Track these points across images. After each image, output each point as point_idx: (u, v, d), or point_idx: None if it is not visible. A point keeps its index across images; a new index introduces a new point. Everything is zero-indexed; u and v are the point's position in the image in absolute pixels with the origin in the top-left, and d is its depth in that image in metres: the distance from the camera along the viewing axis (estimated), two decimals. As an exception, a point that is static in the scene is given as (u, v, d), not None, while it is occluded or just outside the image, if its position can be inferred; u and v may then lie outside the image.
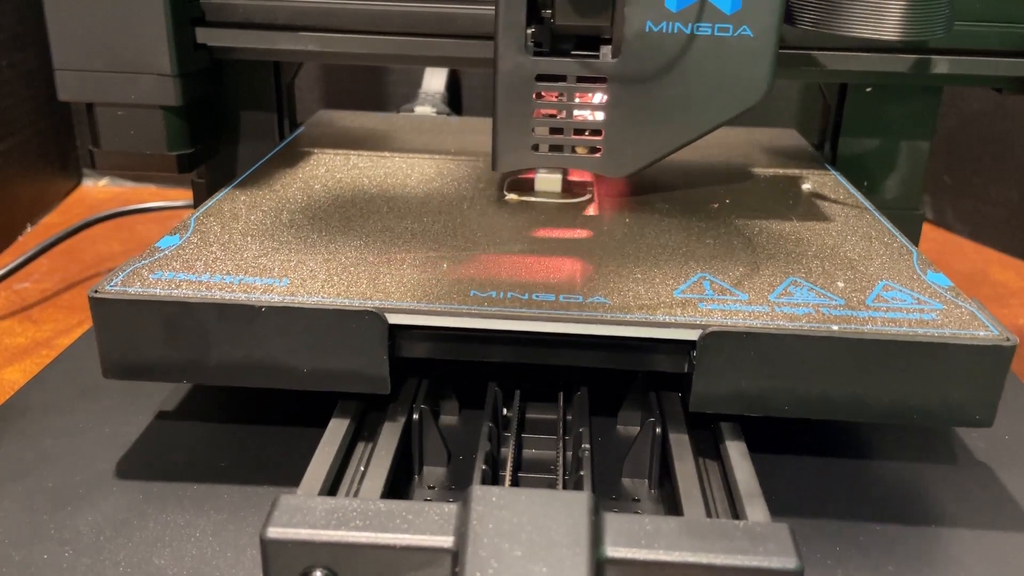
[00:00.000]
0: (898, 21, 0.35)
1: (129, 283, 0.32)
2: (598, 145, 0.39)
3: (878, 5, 0.35)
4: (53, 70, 0.42)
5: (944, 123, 0.76)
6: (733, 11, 0.35)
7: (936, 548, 0.30)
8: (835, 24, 0.35)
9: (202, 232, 0.37)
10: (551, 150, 0.39)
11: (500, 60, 0.37)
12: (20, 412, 0.36)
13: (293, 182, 0.44)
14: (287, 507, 0.24)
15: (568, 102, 0.38)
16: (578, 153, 0.39)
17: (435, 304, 0.31)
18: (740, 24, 0.36)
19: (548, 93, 0.38)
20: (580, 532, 0.23)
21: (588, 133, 0.39)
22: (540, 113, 0.39)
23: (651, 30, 0.36)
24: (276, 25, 0.43)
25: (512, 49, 0.37)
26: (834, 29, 0.35)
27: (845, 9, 0.35)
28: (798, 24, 0.37)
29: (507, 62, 0.37)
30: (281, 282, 0.32)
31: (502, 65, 0.37)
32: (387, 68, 0.83)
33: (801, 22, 0.37)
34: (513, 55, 0.37)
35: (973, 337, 0.30)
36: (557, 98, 0.38)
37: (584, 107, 0.39)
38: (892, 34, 0.35)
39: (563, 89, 0.38)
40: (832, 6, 0.35)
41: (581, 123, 0.39)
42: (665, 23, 0.36)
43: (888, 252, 0.37)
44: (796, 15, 0.37)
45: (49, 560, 0.28)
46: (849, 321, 0.30)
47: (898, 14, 0.35)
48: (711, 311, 0.31)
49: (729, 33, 0.36)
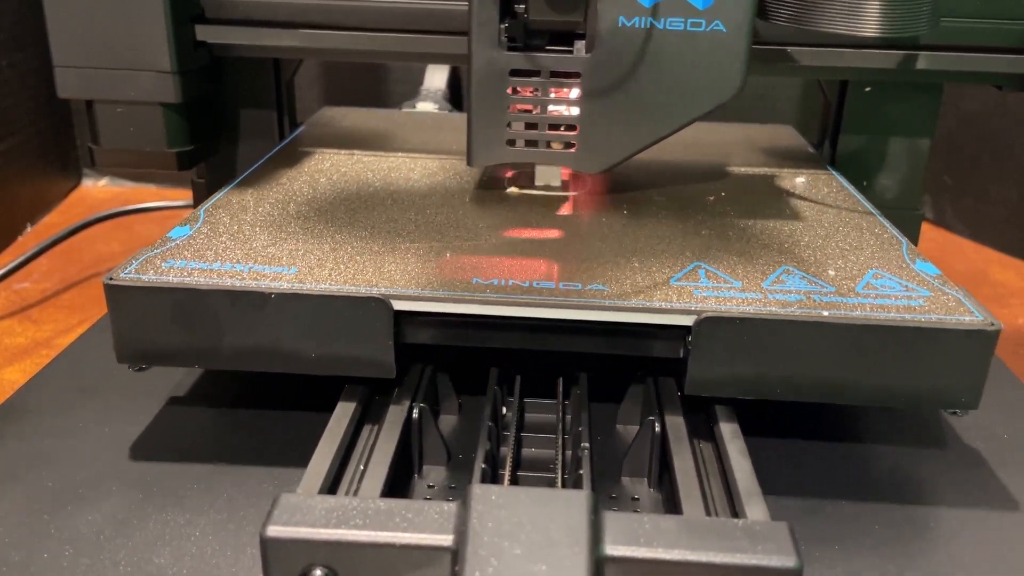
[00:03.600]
0: (876, 17, 0.34)
1: (143, 271, 0.32)
2: (573, 140, 0.39)
3: (854, 1, 0.34)
4: (53, 67, 0.42)
5: (944, 123, 0.76)
6: (706, 6, 0.35)
7: (935, 546, 0.30)
8: (811, 20, 0.35)
9: (212, 223, 0.37)
10: (526, 145, 0.39)
11: (474, 55, 0.37)
12: (20, 412, 0.36)
13: (299, 176, 0.45)
14: (287, 506, 0.24)
15: (542, 97, 0.38)
16: (553, 148, 0.39)
17: (439, 291, 0.32)
18: (712, 19, 0.36)
19: (522, 88, 0.38)
20: (580, 531, 0.23)
21: (563, 128, 0.39)
22: (515, 108, 0.39)
23: (624, 25, 0.36)
24: (276, 22, 0.43)
25: (485, 44, 0.37)
26: (809, 25, 0.35)
27: (821, 5, 0.35)
28: (772, 20, 0.36)
29: (481, 57, 0.37)
30: (289, 270, 0.33)
31: (476, 61, 0.37)
32: (387, 66, 0.83)
33: (776, 18, 0.36)
34: (486, 50, 0.37)
35: (958, 322, 0.30)
36: (531, 93, 0.38)
37: (559, 102, 0.38)
38: (870, 30, 0.34)
39: (537, 84, 0.38)
40: (807, 2, 0.35)
41: (556, 118, 0.39)
42: (638, 18, 0.36)
43: (878, 242, 0.38)
44: (771, 11, 0.36)
45: (49, 560, 0.28)
46: (839, 307, 0.31)
47: (875, 10, 0.34)
48: (706, 298, 0.32)
49: (702, 28, 0.36)
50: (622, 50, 0.37)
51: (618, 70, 0.37)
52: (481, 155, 0.39)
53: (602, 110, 0.38)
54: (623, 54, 0.37)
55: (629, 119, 0.38)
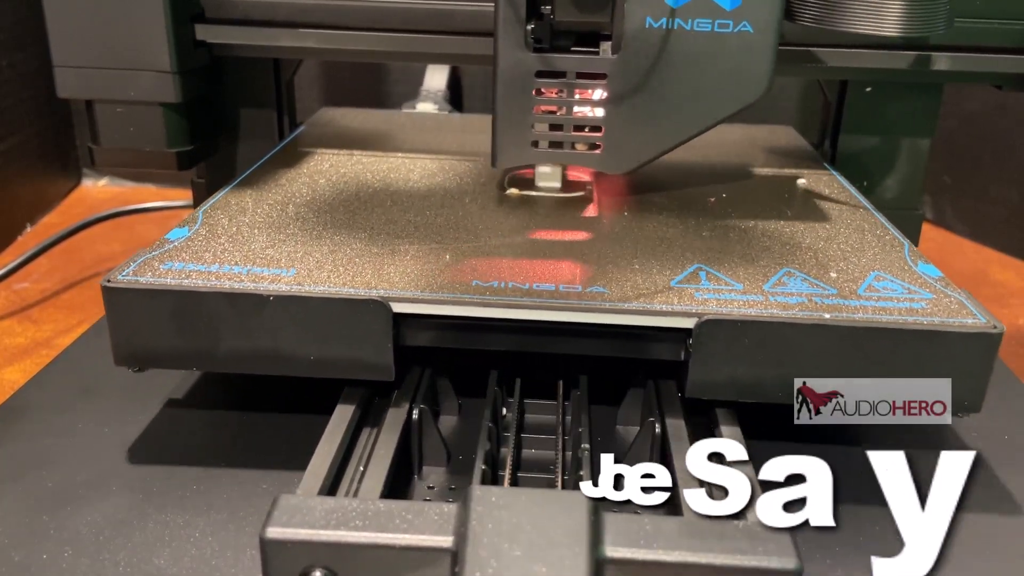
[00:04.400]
0: (898, 17, 0.35)
1: (140, 273, 0.32)
2: (598, 142, 0.39)
3: (878, 2, 0.34)
4: (52, 67, 0.42)
5: (944, 123, 0.76)
6: (733, 7, 0.35)
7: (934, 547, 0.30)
8: (835, 20, 0.35)
9: (210, 225, 0.37)
10: (551, 147, 0.39)
11: (500, 56, 0.37)
12: (20, 412, 0.36)
13: (298, 177, 0.44)
14: (287, 507, 0.24)
15: (568, 98, 0.38)
16: (578, 150, 0.39)
17: (438, 293, 0.31)
18: (740, 20, 0.36)
19: (548, 90, 0.38)
20: (579, 532, 0.23)
21: (588, 130, 0.39)
22: (540, 110, 0.39)
23: (651, 26, 0.36)
24: (276, 22, 0.43)
25: (512, 45, 0.37)
26: (835, 25, 0.35)
27: (846, 5, 0.35)
28: (798, 21, 0.37)
29: (507, 58, 0.37)
30: (288, 272, 0.33)
31: (502, 62, 0.37)
32: (387, 67, 0.83)
33: (801, 18, 0.37)
34: (513, 51, 0.37)
35: (961, 325, 0.30)
36: (557, 94, 0.38)
37: (584, 103, 0.38)
38: (893, 30, 0.35)
39: (563, 85, 0.38)
40: (833, 2, 0.35)
41: (581, 119, 0.39)
42: (665, 19, 0.36)
43: (880, 244, 0.38)
44: (796, 11, 0.37)
45: (49, 560, 0.28)
46: (841, 310, 0.31)
47: (898, 10, 0.35)
48: (707, 300, 0.32)
49: (729, 29, 0.36)
50: (648, 51, 0.36)
51: (644, 71, 0.37)
52: (506, 156, 0.39)
53: (628, 111, 0.38)
54: (649, 55, 0.36)
55: (655, 120, 0.38)
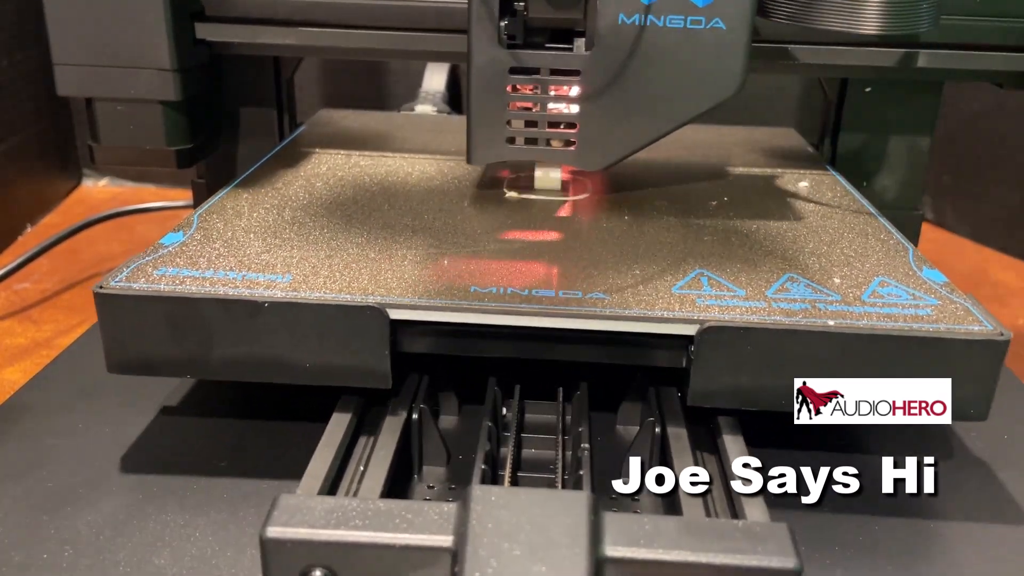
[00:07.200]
0: (876, 15, 0.34)
1: (133, 279, 0.32)
2: (572, 138, 0.39)
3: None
4: (52, 65, 0.42)
5: (944, 123, 0.75)
6: (705, 4, 0.35)
7: (935, 548, 0.30)
8: (811, 18, 0.35)
9: (205, 229, 0.37)
10: (526, 143, 0.39)
11: (473, 53, 0.37)
12: (20, 412, 0.36)
13: (295, 180, 0.44)
14: (287, 506, 0.24)
15: (542, 95, 0.38)
16: (553, 146, 0.39)
17: (436, 300, 0.31)
18: (712, 17, 0.36)
19: (522, 86, 0.38)
20: (579, 531, 0.23)
21: (563, 126, 0.39)
22: (515, 106, 0.39)
23: (624, 23, 0.36)
24: (276, 20, 0.43)
25: (485, 42, 0.37)
26: (810, 23, 0.35)
27: (818, 2, 0.35)
28: (773, 18, 0.36)
29: (481, 55, 0.37)
30: (284, 278, 0.32)
31: (476, 58, 0.37)
32: (387, 67, 0.83)
33: (776, 15, 0.36)
34: (486, 48, 0.37)
35: (967, 332, 0.30)
36: (531, 91, 0.38)
37: (558, 100, 0.38)
38: (871, 28, 0.34)
39: (537, 82, 0.38)
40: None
41: (555, 116, 0.39)
42: (638, 15, 0.36)
43: (884, 249, 0.37)
44: (770, 9, 0.36)
45: (49, 560, 0.28)
46: (845, 316, 0.31)
47: (875, 8, 0.34)
48: (709, 306, 0.31)
49: (702, 26, 0.36)
50: (622, 48, 0.36)
51: (618, 68, 0.37)
52: (481, 153, 0.39)
53: (602, 108, 0.38)
54: (623, 52, 0.36)
55: (629, 117, 0.38)
